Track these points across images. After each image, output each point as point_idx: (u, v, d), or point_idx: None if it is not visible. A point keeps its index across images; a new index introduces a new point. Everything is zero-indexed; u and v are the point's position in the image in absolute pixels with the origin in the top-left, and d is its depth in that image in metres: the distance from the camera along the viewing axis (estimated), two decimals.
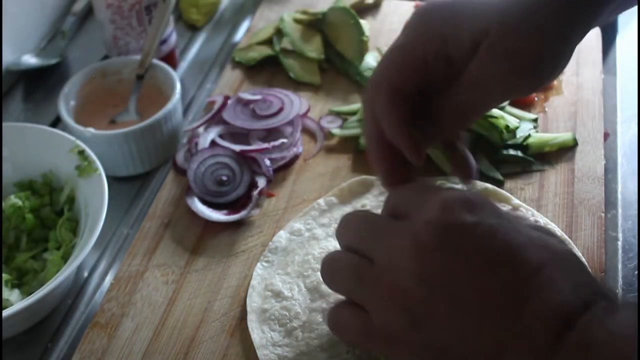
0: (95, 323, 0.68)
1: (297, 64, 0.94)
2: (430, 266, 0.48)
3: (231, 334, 0.66)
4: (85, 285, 0.75)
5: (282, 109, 0.86)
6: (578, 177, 0.77)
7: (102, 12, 0.90)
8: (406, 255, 0.49)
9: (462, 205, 0.49)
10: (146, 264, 0.73)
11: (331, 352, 0.63)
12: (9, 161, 0.78)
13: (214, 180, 0.78)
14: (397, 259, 0.50)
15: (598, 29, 0.93)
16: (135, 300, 0.69)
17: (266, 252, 0.72)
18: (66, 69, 1.01)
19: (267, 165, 0.79)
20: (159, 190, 0.81)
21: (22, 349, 0.69)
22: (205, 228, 0.76)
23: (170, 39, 0.95)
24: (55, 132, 0.78)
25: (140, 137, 0.81)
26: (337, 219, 0.74)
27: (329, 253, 0.58)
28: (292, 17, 0.98)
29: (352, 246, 0.55)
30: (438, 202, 0.49)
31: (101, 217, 0.68)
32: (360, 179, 0.78)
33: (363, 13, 1.01)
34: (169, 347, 0.65)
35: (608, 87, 0.90)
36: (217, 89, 0.93)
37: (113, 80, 0.89)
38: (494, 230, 0.48)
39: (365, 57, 0.93)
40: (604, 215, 0.74)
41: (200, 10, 1.07)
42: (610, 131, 0.85)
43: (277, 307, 0.67)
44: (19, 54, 0.99)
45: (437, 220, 0.48)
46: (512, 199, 0.74)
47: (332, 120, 0.87)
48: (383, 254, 0.51)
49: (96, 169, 0.74)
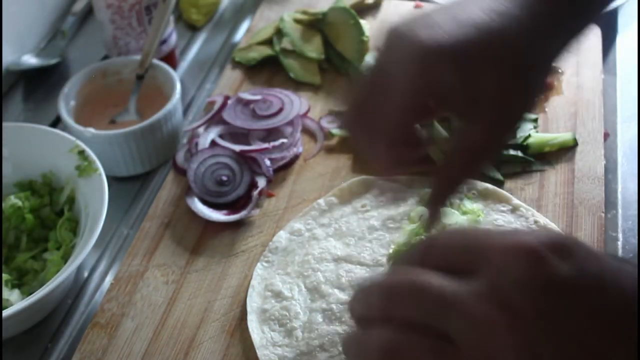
0: (95, 323, 0.68)
1: (297, 64, 0.94)
2: (538, 343, 0.38)
3: (231, 334, 0.66)
4: (85, 285, 0.75)
5: (282, 109, 0.86)
6: (578, 177, 0.77)
7: (102, 12, 0.90)
8: (502, 332, 0.38)
9: (552, 252, 0.39)
10: (146, 264, 0.73)
11: (331, 352, 0.63)
12: (9, 161, 0.78)
13: (214, 180, 0.78)
14: (489, 337, 0.39)
15: (598, 29, 0.93)
16: (135, 300, 0.69)
17: (266, 252, 0.72)
18: (66, 69, 1.01)
19: (267, 165, 0.79)
20: (159, 190, 0.81)
21: (22, 349, 0.69)
22: (205, 228, 0.76)
23: (170, 39, 0.95)
24: (55, 132, 0.78)
25: (140, 137, 0.81)
26: (337, 219, 0.74)
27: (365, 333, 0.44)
28: (292, 17, 0.98)
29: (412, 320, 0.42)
30: (523, 251, 0.39)
31: (101, 217, 0.68)
32: (360, 179, 0.78)
33: (363, 13, 1.01)
34: (169, 347, 0.65)
35: (608, 87, 0.90)
36: (217, 89, 0.93)
37: (113, 80, 0.89)
38: (600, 280, 0.40)
39: (365, 57, 0.93)
40: (604, 215, 0.74)
41: (200, 10, 1.07)
42: (610, 131, 0.85)
43: (277, 307, 0.67)
44: (19, 54, 0.99)
45: (529, 279, 0.39)
46: (512, 199, 0.74)
47: (332, 120, 0.87)
48: (466, 331, 0.40)
49: (96, 169, 0.74)
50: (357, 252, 0.70)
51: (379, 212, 0.74)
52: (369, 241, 0.71)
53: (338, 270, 0.69)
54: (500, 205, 0.74)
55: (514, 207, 0.73)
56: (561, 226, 0.72)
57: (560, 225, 0.72)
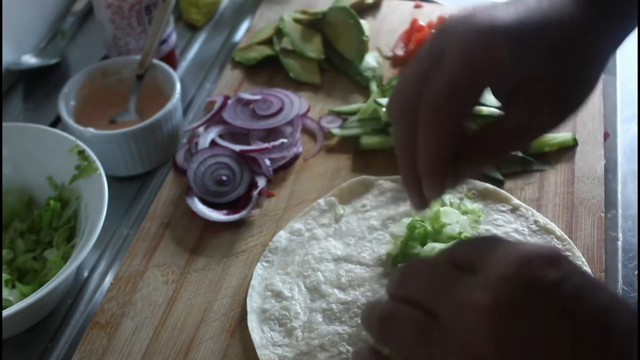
0: (95, 323, 0.68)
1: (297, 64, 0.94)
2: (508, 330, 0.42)
3: (231, 334, 0.66)
4: (85, 285, 0.75)
5: (282, 109, 0.86)
6: (578, 177, 0.77)
7: (102, 12, 0.90)
8: (480, 315, 0.43)
9: (542, 260, 0.44)
10: (146, 264, 0.73)
11: (331, 352, 0.63)
12: (9, 161, 0.78)
13: (214, 180, 0.78)
14: (468, 319, 0.43)
15: None
16: (135, 300, 0.69)
17: (266, 252, 0.72)
18: (66, 69, 1.01)
19: (267, 165, 0.79)
20: (159, 190, 0.81)
21: (22, 349, 0.69)
22: (205, 228, 0.76)
23: (170, 39, 0.95)
24: (55, 132, 0.78)
25: (140, 137, 0.81)
26: (337, 219, 0.74)
27: (381, 304, 0.51)
28: (292, 17, 0.98)
29: (412, 298, 0.49)
30: (515, 256, 0.44)
31: (101, 217, 0.68)
32: (360, 179, 0.78)
33: (363, 13, 1.01)
34: (169, 347, 0.65)
35: (608, 87, 0.90)
36: (217, 89, 0.93)
37: (113, 80, 0.89)
38: (580, 290, 0.43)
39: (365, 57, 0.93)
40: (604, 215, 0.74)
41: (200, 10, 1.07)
42: (610, 131, 0.85)
43: (277, 307, 0.67)
44: (19, 54, 0.99)
45: (515, 276, 0.43)
46: (512, 199, 0.74)
47: (332, 120, 0.87)
48: (451, 311, 0.45)
49: (96, 169, 0.74)
50: (357, 252, 0.70)
51: (378, 212, 0.74)
52: (369, 241, 0.71)
53: (338, 270, 0.69)
54: (500, 205, 0.74)
55: (514, 207, 0.73)
56: (561, 226, 0.72)
57: (560, 225, 0.72)
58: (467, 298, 0.44)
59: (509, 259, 0.44)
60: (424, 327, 0.46)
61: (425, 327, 0.46)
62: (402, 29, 0.98)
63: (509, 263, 0.44)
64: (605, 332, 0.42)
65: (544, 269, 0.43)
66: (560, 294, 0.43)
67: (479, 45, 0.52)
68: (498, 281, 0.43)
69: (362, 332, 0.63)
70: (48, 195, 0.77)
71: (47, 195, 0.77)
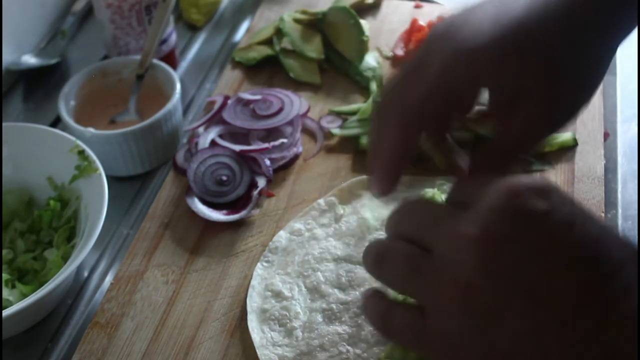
0: (95, 323, 0.68)
1: (297, 64, 0.94)
2: (498, 259, 0.43)
3: (231, 334, 0.66)
4: (85, 285, 0.75)
5: (282, 109, 0.86)
6: (578, 177, 0.77)
7: (102, 12, 0.90)
8: (470, 246, 0.44)
9: (532, 191, 0.44)
10: (146, 264, 0.73)
11: (331, 352, 0.63)
12: (9, 161, 0.78)
13: (214, 180, 0.78)
14: (459, 250, 0.44)
15: None
16: (135, 300, 0.69)
17: (266, 252, 0.72)
18: (66, 69, 1.01)
19: (267, 165, 0.79)
20: (159, 190, 0.81)
21: (22, 349, 0.69)
22: (205, 228, 0.76)
23: (170, 39, 0.95)
24: (55, 132, 0.78)
25: (140, 137, 0.81)
26: (337, 219, 0.74)
27: (375, 241, 0.53)
28: (292, 17, 0.98)
29: (407, 234, 0.49)
30: (504, 188, 0.44)
31: (101, 217, 0.68)
32: (360, 179, 0.78)
33: (363, 13, 1.01)
34: (169, 347, 0.65)
35: (608, 87, 0.90)
36: (217, 89, 0.93)
37: (113, 80, 0.89)
38: (570, 220, 0.43)
39: (365, 57, 0.93)
40: (604, 215, 0.74)
41: (200, 10, 1.07)
42: (610, 131, 0.85)
43: (277, 307, 0.67)
44: (19, 54, 0.99)
45: (504, 208, 0.43)
46: None
47: (332, 120, 0.87)
48: (443, 244, 0.46)
49: (96, 169, 0.74)
50: (357, 252, 0.70)
51: (378, 212, 0.74)
52: (369, 241, 0.71)
53: (338, 270, 0.69)
54: None
55: None
56: None
57: None
58: (457, 230, 0.45)
59: (499, 192, 0.44)
60: (416, 261, 0.47)
61: (417, 261, 0.47)
62: (402, 29, 0.98)
63: (499, 196, 0.44)
64: (594, 261, 0.42)
65: (534, 200, 0.43)
66: (550, 224, 0.43)
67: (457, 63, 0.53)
68: (488, 213, 0.44)
69: (362, 332, 0.63)
70: (48, 195, 0.77)
71: (47, 195, 0.77)
